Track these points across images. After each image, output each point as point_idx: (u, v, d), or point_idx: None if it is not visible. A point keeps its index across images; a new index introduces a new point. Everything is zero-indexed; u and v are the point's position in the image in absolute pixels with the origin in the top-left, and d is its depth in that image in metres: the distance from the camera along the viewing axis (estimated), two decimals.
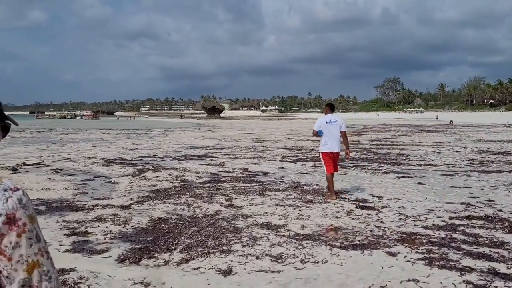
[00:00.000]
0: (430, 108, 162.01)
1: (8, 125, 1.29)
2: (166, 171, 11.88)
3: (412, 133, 37.15)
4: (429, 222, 6.42)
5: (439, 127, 51.09)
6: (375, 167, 13.00)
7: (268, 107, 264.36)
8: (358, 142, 25.65)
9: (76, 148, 21.44)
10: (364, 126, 56.82)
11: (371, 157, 16.19)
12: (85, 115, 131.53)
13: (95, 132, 41.05)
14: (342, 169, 12.68)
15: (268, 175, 11.43)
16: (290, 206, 7.45)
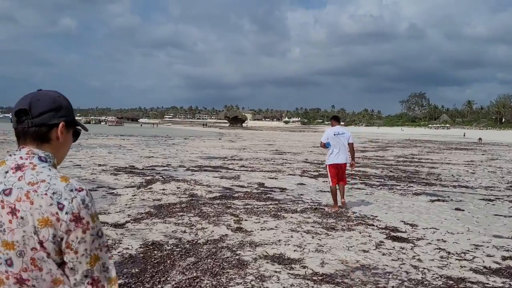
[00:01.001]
0: (457, 125, 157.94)
1: (79, 131, 1.48)
2: (175, 183, 10.95)
3: (440, 150, 35.57)
4: (478, 262, 5.26)
5: (467, 144, 49.12)
6: (404, 187, 11.80)
7: (291, 118, 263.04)
8: (383, 158, 24.34)
9: (90, 154, 20.80)
10: (389, 141, 55.24)
11: (399, 175, 14.95)
12: (109, 121, 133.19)
13: (115, 138, 40.66)
14: (368, 187, 11.53)
15: (286, 192, 10.37)
16: (308, 233, 6.37)
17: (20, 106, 1.32)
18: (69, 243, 1.23)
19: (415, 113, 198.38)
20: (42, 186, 1.24)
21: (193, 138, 45.17)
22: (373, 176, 14.50)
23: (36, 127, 1.32)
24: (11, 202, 1.23)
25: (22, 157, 1.31)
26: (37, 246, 1.22)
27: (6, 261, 1.24)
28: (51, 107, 1.35)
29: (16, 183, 1.25)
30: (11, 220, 1.23)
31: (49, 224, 1.21)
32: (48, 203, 1.22)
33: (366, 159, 22.59)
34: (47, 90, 1.41)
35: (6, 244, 1.23)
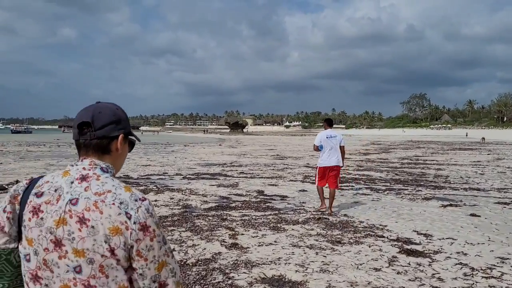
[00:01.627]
0: (459, 125, 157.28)
1: (134, 142, 1.52)
2: (169, 194, 10.29)
3: (444, 150, 34.87)
4: (507, 280, 4.58)
5: (471, 144, 48.41)
6: (413, 192, 11.12)
7: (292, 122, 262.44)
8: (387, 160, 23.65)
9: None
10: (391, 143, 54.48)
11: (405, 178, 14.27)
12: None
13: None
14: (374, 192, 10.85)
15: (287, 200, 9.70)
16: (312, 248, 5.69)
17: (83, 118, 1.36)
18: (139, 251, 1.27)
19: (416, 114, 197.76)
20: (109, 196, 1.28)
21: (193, 145, 44.52)
22: (379, 180, 13.83)
23: (98, 139, 1.37)
24: (78, 212, 1.27)
25: (85, 168, 1.35)
26: (106, 254, 1.25)
27: (74, 268, 1.26)
28: (112, 119, 1.39)
29: (82, 193, 1.29)
30: (80, 228, 1.25)
31: (120, 232, 1.25)
32: (117, 212, 1.26)
33: (369, 162, 21.92)
34: (105, 102, 1.45)
35: (76, 251, 1.26)
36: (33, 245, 1.30)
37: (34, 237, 1.30)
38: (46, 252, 1.28)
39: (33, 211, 1.31)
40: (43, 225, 1.29)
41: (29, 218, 1.31)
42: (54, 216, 1.28)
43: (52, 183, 1.33)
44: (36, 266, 1.30)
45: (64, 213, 1.27)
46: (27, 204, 1.33)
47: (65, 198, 1.29)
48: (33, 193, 1.33)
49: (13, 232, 1.36)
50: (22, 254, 1.33)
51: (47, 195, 1.31)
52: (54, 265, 1.28)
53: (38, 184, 1.35)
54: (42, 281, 1.30)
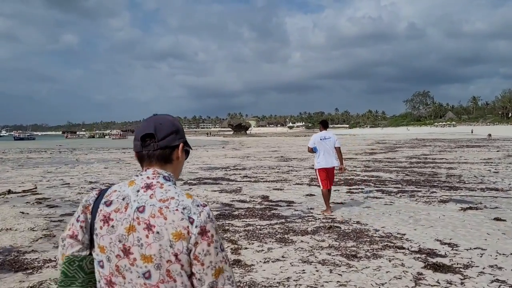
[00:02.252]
0: (463, 122, 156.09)
1: (189, 150, 1.58)
2: None
3: (452, 148, 34.14)
4: None
5: (477, 141, 47.61)
6: (427, 194, 10.45)
7: (295, 123, 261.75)
8: (394, 159, 22.97)
9: (85, 170, 19.62)
10: (397, 141, 53.76)
11: (417, 179, 13.60)
12: (112, 134, 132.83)
13: (116, 151, 39.64)
14: (386, 195, 10.20)
15: (293, 207, 9.06)
16: (325, 263, 5.05)
17: (146, 130, 1.44)
18: (197, 255, 1.31)
19: (420, 112, 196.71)
20: (173, 203, 1.34)
21: (196, 148, 43.89)
22: (389, 181, 13.17)
23: (161, 149, 1.44)
24: (145, 218, 1.32)
25: (149, 177, 1.41)
26: (172, 259, 1.29)
27: (144, 274, 1.31)
28: (172, 130, 1.47)
29: (148, 200, 1.35)
30: (147, 235, 1.30)
31: (182, 237, 1.29)
32: (180, 217, 1.31)
33: (376, 162, 21.24)
34: (162, 114, 1.54)
35: (144, 257, 1.30)
36: (105, 252, 1.36)
37: (106, 244, 1.36)
38: (118, 259, 1.33)
39: (104, 220, 1.37)
40: (114, 233, 1.34)
41: (100, 227, 1.38)
42: (124, 223, 1.34)
43: (120, 192, 1.40)
44: (110, 272, 1.35)
45: (133, 221, 1.33)
46: (98, 213, 1.39)
47: (132, 206, 1.35)
48: (103, 202, 1.40)
49: (85, 240, 1.43)
50: (96, 261, 1.39)
51: (115, 203, 1.38)
52: (127, 270, 1.33)
53: (106, 194, 1.42)
54: (116, 287, 1.35)
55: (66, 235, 1.45)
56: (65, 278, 1.42)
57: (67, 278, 1.42)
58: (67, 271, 1.42)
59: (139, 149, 1.45)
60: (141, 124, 1.49)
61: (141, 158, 1.46)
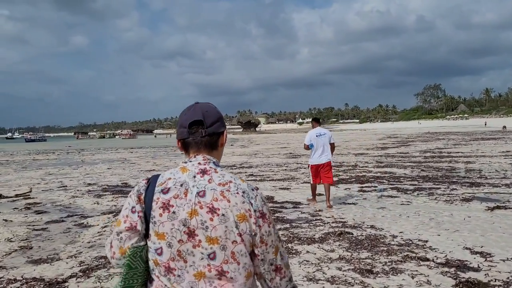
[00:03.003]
0: (476, 114, 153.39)
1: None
2: None
3: (466, 141, 33.02)
4: None
5: (492, 133, 46.31)
6: (447, 191, 9.58)
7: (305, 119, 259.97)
8: (408, 154, 22.00)
9: (87, 171, 18.99)
10: (408, 135, 52.59)
11: (434, 174, 12.70)
12: (122, 134, 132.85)
13: (124, 151, 39.10)
14: (402, 194, 9.34)
15: (300, 209, 8.25)
16: (334, 282, 4.22)
17: (195, 117, 1.47)
18: (262, 237, 1.39)
19: (431, 105, 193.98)
20: (232, 186, 1.40)
21: None
22: (404, 177, 12.30)
23: (209, 136, 1.49)
24: (207, 202, 1.36)
25: (201, 163, 1.45)
26: (237, 239, 1.35)
27: (209, 255, 1.35)
28: (217, 117, 1.53)
29: (207, 185, 1.39)
30: (212, 218, 1.35)
31: (246, 219, 1.37)
32: (241, 200, 1.38)
33: (389, 157, 20.31)
34: (205, 103, 1.56)
35: (210, 239, 1.34)
36: (165, 239, 1.37)
37: (166, 231, 1.37)
38: (181, 244, 1.36)
39: (163, 207, 1.39)
40: (176, 218, 1.37)
41: (159, 214, 1.39)
42: (186, 208, 1.37)
43: (176, 179, 1.43)
44: (170, 258, 1.37)
45: (194, 205, 1.36)
46: (155, 201, 1.40)
47: (192, 192, 1.38)
48: (159, 190, 1.42)
49: (143, 230, 1.44)
50: (153, 249, 1.40)
51: (174, 190, 1.40)
52: (189, 254, 1.36)
53: (160, 182, 1.44)
54: (175, 272, 1.37)
55: (124, 228, 1.45)
56: (129, 270, 1.42)
57: (131, 270, 1.42)
58: (131, 263, 1.42)
59: (186, 136, 1.48)
60: (186, 112, 1.51)
61: (187, 145, 1.50)
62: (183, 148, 1.51)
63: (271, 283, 1.45)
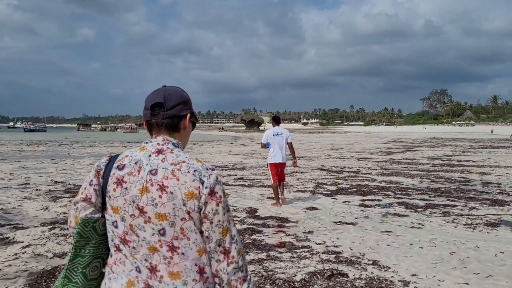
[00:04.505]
0: (482, 121, 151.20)
1: (196, 122, 1.67)
2: None
3: (475, 149, 31.34)
4: None
5: (500, 141, 44.62)
6: (465, 210, 7.96)
7: (310, 120, 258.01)
8: (415, 160, 20.36)
9: (66, 166, 17.47)
10: (414, 140, 50.93)
11: (446, 187, 11.07)
12: (123, 127, 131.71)
13: (118, 145, 37.60)
14: (412, 212, 7.73)
15: (286, 228, 6.63)
16: None
17: (156, 100, 1.52)
18: (206, 214, 1.41)
19: (437, 111, 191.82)
20: (184, 166, 1.43)
21: (202, 144, 41.61)
22: (412, 189, 10.68)
23: (170, 118, 1.52)
24: (158, 180, 1.40)
25: (159, 143, 1.50)
26: (185, 216, 1.39)
27: (159, 231, 1.39)
28: (180, 100, 1.55)
29: (160, 164, 1.43)
30: (161, 195, 1.39)
31: (194, 196, 1.39)
32: (191, 179, 1.40)
33: (395, 163, 18.68)
34: (171, 86, 1.62)
35: (159, 216, 1.38)
36: (119, 213, 1.42)
37: (119, 205, 1.43)
38: (132, 218, 1.41)
39: (117, 182, 1.44)
40: (128, 194, 1.42)
41: (113, 189, 1.44)
42: (137, 185, 1.41)
43: (132, 157, 1.47)
44: (124, 232, 1.42)
45: (146, 182, 1.40)
46: (111, 177, 1.46)
47: (145, 169, 1.42)
48: (115, 166, 1.47)
49: (98, 203, 1.50)
50: (110, 222, 1.46)
51: (128, 167, 1.45)
52: (140, 229, 1.40)
53: (118, 159, 1.49)
54: (130, 244, 1.42)
55: (80, 199, 1.50)
56: (80, 238, 1.47)
57: (82, 239, 1.47)
58: (82, 232, 1.47)
59: (149, 118, 1.53)
60: (150, 95, 1.56)
61: (150, 126, 1.54)
62: (148, 129, 1.56)
63: (218, 265, 1.43)
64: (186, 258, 1.38)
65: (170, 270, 1.38)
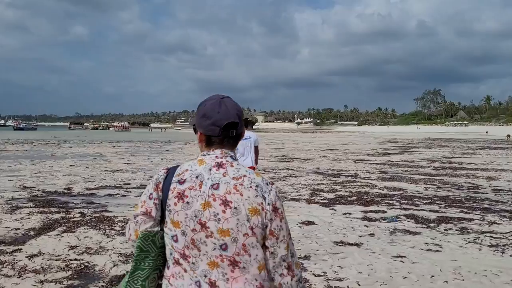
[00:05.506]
0: (475, 122, 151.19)
1: None
2: (83, 231, 6.24)
3: (473, 150, 30.61)
4: None
5: (497, 142, 44.11)
6: (484, 225, 6.89)
7: (303, 119, 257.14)
8: (414, 163, 19.39)
9: (43, 168, 16.26)
10: (409, 140, 50.30)
11: (455, 195, 10.03)
12: (115, 126, 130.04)
13: (106, 145, 36.36)
14: (423, 228, 6.66)
15: None
16: None
17: (231, 119, 1.48)
18: (272, 230, 1.41)
19: (431, 111, 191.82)
20: (246, 180, 1.42)
21: (193, 143, 40.45)
22: (418, 197, 9.64)
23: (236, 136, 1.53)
24: (221, 195, 1.39)
25: (218, 156, 1.48)
26: (248, 232, 1.38)
27: (221, 246, 1.38)
28: (242, 118, 1.56)
29: (221, 178, 1.42)
30: (224, 210, 1.38)
31: (257, 212, 1.39)
32: (254, 194, 1.40)
33: (394, 166, 17.67)
34: (232, 100, 1.56)
35: (222, 231, 1.37)
36: (180, 227, 1.41)
37: (181, 220, 1.41)
38: (194, 233, 1.39)
39: (178, 197, 1.43)
40: (190, 209, 1.40)
41: (174, 203, 1.43)
42: (199, 200, 1.40)
43: (192, 171, 1.45)
44: (184, 246, 1.41)
45: (208, 197, 1.39)
46: (171, 191, 1.44)
47: (206, 184, 1.41)
48: (176, 180, 1.45)
49: (158, 217, 1.48)
50: (169, 235, 1.44)
51: (189, 181, 1.43)
52: (202, 243, 1.39)
53: (178, 173, 1.47)
54: (190, 259, 1.41)
55: (140, 212, 1.49)
56: (140, 252, 1.46)
57: (142, 252, 1.46)
58: (142, 245, 1.45)
59: (217, 134, 1.48)
60: (217, 109, 1.49)
61: (212, 141, 1.50)
62: (205, 141, 1.52)
63: (282, 279, 1.44)
64: (247, 272, 1.38)
65: (229, 286, 1.38)
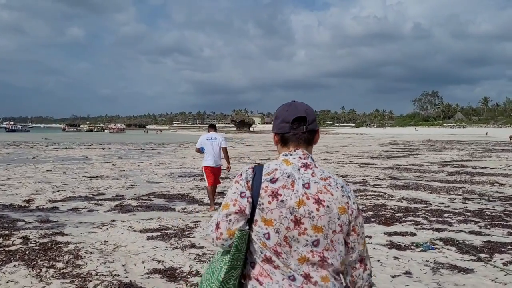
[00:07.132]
0: (474, 123, 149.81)
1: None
2: (10, 270, 4.56)
3: (480, 153, 28.91)
4: None
5: (502, 144, 42.48)
6: None
7: None
8: (424, 167, 17.76)
9: (15, 174, 14.59)
10: (410, 142, 48.68)
11: (489, 208, 8.40)
12: (110, 127, 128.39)
13: (96, 147, 34.71)
14: (471, 260, 4.99)
15: None
16: None
17: (298, 114, 1.59)
18: (355, 227, 1.53)
19: (428, 112, 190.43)
20: (332, 181, 1.52)
21: (188, 145, 38.72)
22: (446, 212, 8.01)
23: (309, 132, 1.61)
24: (313, 194, 1.48)
25: (301, 157, 1.56)
26: (337, 229, 1.48)
27: (313, 242, 1.47)
28: (315, 116, 1.65)
29: (311, 178, 1.51)
30: (318, 208, 1.47)
31: (345, 211, 1.50)
32: (341, 194, 1.51)
33: (403, 171, 16.03)
34: (299, 101, 1.69)
35: (316, 228, 1.46)
36: (273, 225, 1.46)
37: (275, 217, 1.47)
38: (288, 230, 1.46)
39: (272, 195, 1.48)
40: (284, 207, 1.47)
41: (268, 202, 1.48)
42: (293, 198, 1.47)
43: (282, 170, 1.52)
44: (276, 243, 1.47)
45: (302, 196, 1.47)
46: (263, 189, 1.49)
47: (298, 183, 1.49)
48: (268, 179, 1.50)
49: (249, 215, 1.51)
50: (261, 234, 1.49)
51: (281, 180, 1.50)
52: (294, 240, 1.47)
53: (267, 172, 1.53)
54: (283, 255, 1.47)
55: (234, 211, 1.50)
56: (236, 251, 1.49)
57: (238, 251, 1.49)
58: (238, 244, 1.49)
59: (287, 130, 1.59)
60: (287, 108, 1.62)
61: (286, 139, 1.60)
62: (280, 141, 1.62)
63: (354, 271, 1.56)
64: (331, 267, 1.48)
65: (320, 275, 1.47)
